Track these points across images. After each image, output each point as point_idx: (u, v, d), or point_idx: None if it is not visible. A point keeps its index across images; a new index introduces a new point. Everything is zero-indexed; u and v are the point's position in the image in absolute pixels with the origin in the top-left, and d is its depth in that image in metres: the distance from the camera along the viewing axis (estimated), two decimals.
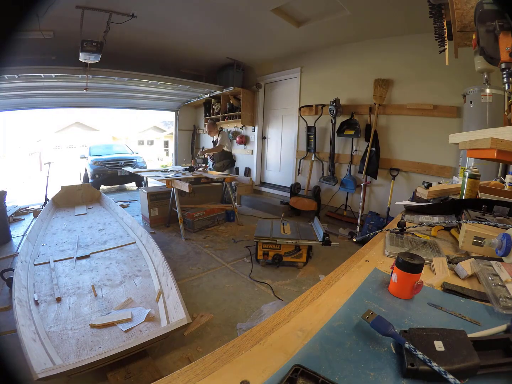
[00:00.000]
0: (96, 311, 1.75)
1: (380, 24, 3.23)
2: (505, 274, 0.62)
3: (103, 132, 18.10)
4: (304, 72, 4.56)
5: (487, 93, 2.41)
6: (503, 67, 0.81)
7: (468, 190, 1.22)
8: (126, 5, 2.99)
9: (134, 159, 6.80)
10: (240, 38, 4.01)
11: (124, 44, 3.99)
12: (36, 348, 1.30)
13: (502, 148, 0.78)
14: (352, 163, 3.94)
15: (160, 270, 2.12)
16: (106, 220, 3.51)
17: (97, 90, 4.74)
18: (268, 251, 2.59)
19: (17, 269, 1.99)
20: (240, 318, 1.91)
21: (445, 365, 0.36)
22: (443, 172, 3.14)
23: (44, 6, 2.06)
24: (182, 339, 1.68)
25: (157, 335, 1.40)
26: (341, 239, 3.55)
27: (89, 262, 2.40)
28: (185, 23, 3.47)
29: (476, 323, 0.50)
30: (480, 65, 1.22)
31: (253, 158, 5.56)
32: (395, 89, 3.52)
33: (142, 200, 3.95)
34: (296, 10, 3.18)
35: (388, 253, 0.80)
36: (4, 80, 3.52)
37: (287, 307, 0.55)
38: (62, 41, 3.52)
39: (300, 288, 2.32)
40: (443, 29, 1.53)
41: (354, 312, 0.53)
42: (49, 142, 16.36)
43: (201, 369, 0.40)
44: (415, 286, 0.56)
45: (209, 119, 6.09)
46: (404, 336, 0.42)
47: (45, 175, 4.60)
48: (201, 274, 2.53)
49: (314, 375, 0.37)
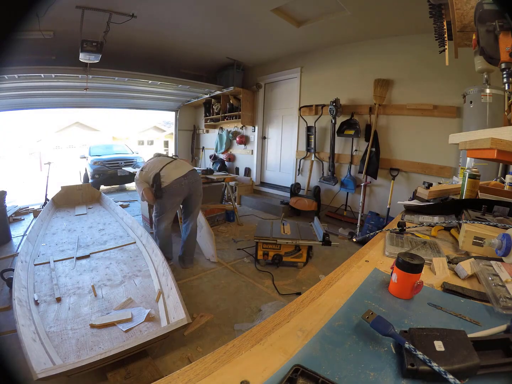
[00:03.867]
0: (96, 311, 1.75)
1: (380, 24, 3.23)
2: (505, 274, 0.62)
3: (103, 132, 18.08)
4: (304, 72, 4.56)
5: (487, 93, 2.41)
6: (503, 67, 0.81)
7: (468, 190, 1.22)
8: (126, 5, 2.98)
9: (134, 159, 6.80)
10: (240, 38, 4.01)
11: (124, 44, 3.99)
12: (36, 348, 1.30)
13: (502, 148, 0.78)
14: (352, 163, 3.94)
15: (160, 270, 2.12)
16: (106, 220, 3.51)
17: (97, 90, 4.74)
18: (268, 251, 2.59)
19: (17, 269, 1.99)
20: (240, 318, 1.91)
21: (445, 365, 0.36)
22: (443, 172, 3.14)
23: (44, 6, 2.06)
24: (182, 339, 1.68)
25: (157, 335, 1.40)
26: (341, 239, 3.55)
27: (89, 262, 2.39)
28: (185, 23, 3.47)
29: (476, 323, 0.50)
30: (480, 65, 1.23)
31: (253, 158, 5.56)
32: (395, 89, 3.52)
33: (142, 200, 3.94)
34: (296, 10, 3.18)
35: (388, 253, 0.80)
36: (4, 80, 3.52)
37: (287, 307, 0.55)
38: (62, 41, 3.52)
39: (300, 288, 2.32)
40: (443, 29, 1.53)
41: (354, 312, 0.53)
42: (49, 142, 16.34)
43: (201, 369, 0.40)
44: (415, 286, 0.56)
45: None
46: (404, 336, 0.42)
47: (45, 175, 4.60)
48: (201, 274, 2.53)
49: (314, 375, 0.37)
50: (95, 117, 17.55)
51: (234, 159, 6.00)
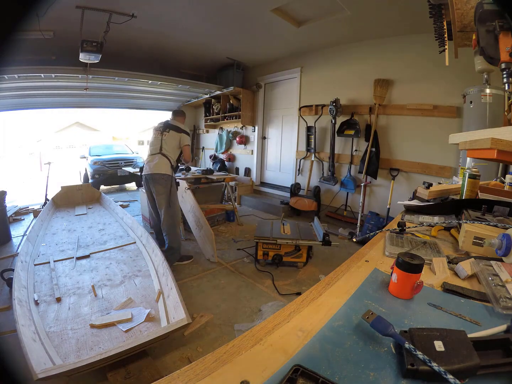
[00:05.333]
0: (96, 311, 1.75)
1: (380, 24, 3.23)
2: (505, 274, 0.62)
3: (103, 132, 18.08)
4: (304, 72, 4.56)
5: (487, 93, 2.41)
6: (503, 67, 0.81)
7: (468, 190, 1.22)
8: (126, 5, 2.98)
9: (134, 159, 6.80)
10: (240, 38, 4.01)
11: (124, 44, 3.99)
12: (36, 348, 1.30)
13: (502, 148, 0.78)
14: (352, 163, 3.94)
15: (160, 270, 2.12)
16: (106, 220, 3.51)
17: (97, 90, 4.74)
18: (268, 251, 2.59)
19: (17, 269, 1.99)
20: (240, 318, 1.91)
21: (445, 365, 0.36)
22: (443, 172, 3.14)
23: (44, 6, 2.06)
24: (182, 339, 1.68)
25: (157, 335, 1.40)
26: (341, 239, 3.55)
27: (89, 262, 2.40)
28: (185, 23, 3.47)
29: (476, 323, 0.50)
30: (480, 65, 1.23)
31: (253, 158, 5.56)
32: (395, 89, 3.52)
33: (142, 200, 3.94)
34: (296, 10, 3.17)
35: (388, 253, 0.80)
36: (4, 80, 3.52)
37: (287, 307, 0.55)
38: (62, 41, 3.51)
39: (300, 288, 2.32)
40: (443, 29, 1.53)
41: (354, 312, 0.53)
42: (49, 142, 16.35)
43: (201, 369, 0.40)
44: (415, 286, 0.56)
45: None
46: (404, 336, 0.42)
47: (45, 175, 4.60)
48: (201, 274, 2.53)
49: (314, 375, 0.37)
50: (95, 117, 17.55)
51: (234, 159, 6.00)
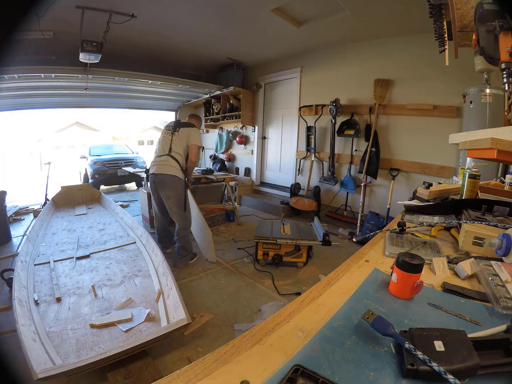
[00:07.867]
0: (96, 311, 1.75)
1: (380, 24, 3.23)
2: (505, 274, 0.62)
3: (103, 132, 18.08)
4: (304, 72, 4.55)
5: (487, 93, 2.41)
6: (503, 67, 0.81)
7: (468, 190, 1.22)
8: (126, 5, 2.98)
9: (134, 159, 6.80)
10: (240, 38, 4.01)
11: (124, 44, 3.99)
12: (36, 348, 1.30)
13: (502, 148, 0.78)
14: (352, 163, 3.94)
15: (160, 270, 2.12)
16: (106, 220, 3.51)
17: (97, 90, 4.73)
18: (268, 251, 2.59)
19: (17, 269, 1.99)
20: (240, 318, 1.91)
21: (445, 365, 0.36)
22: (443, 172, 3.14)
23: (44, 6, 2.06)
24: (182, 339, 1.68)
25: (157, 335, 1.40)
26: (341, 239, 3.55)
27: (89, 262, 2.40)
28: (185, 23, 3.47)
29: (476, 323, 0.50)
30: (480, 65, 1.22)
31: (253, 158, 5.56)
32: (395, 89, 3.52)
33: (142, 200, 3.95)
34: (296, 10, 3.17)
35: (388, 253, 0.80)
36: (4, 80, 3.52)
37: (287, 307, 0.55)
38: (62, 41, 3.51)
39: (300, 288, 2.32)
40: (443, 29, 1.53)
41: (354, 312, 0.53)
42: (49, 142, 16.34)
43: (201, 369, 0.40)
44: (415, 286, 0.56)
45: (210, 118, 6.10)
46: (404, 336, 0.42)
47: (45, 175, 4.60)
48: (201, 274, 2.53)
49: (314, 375, 0.37)
50: (95, 117, 17.56)
51: (234, 159, 6.00)
